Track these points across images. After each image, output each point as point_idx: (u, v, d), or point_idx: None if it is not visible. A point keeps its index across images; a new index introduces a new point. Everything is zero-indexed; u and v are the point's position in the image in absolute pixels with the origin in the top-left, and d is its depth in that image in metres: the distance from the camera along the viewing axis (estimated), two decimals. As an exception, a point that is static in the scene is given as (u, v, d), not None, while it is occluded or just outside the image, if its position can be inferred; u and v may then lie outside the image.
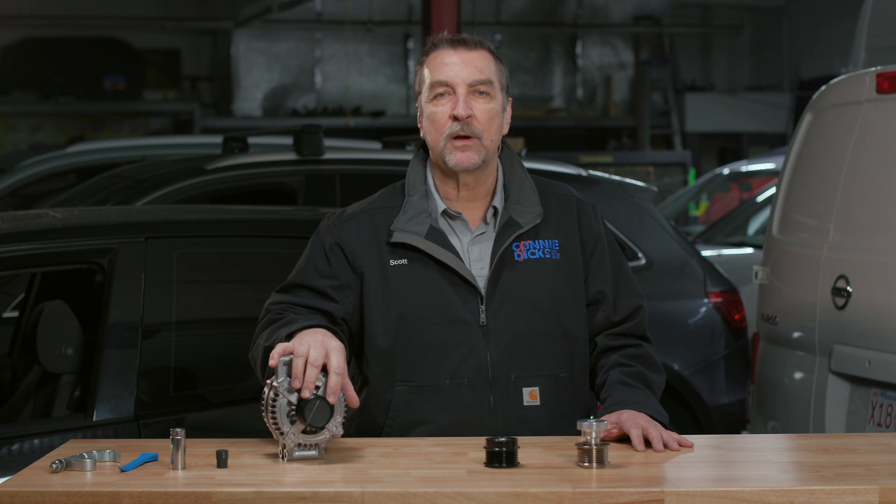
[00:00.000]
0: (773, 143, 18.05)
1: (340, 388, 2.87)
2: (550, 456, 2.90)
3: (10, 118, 18.07)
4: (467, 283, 3.16)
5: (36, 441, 3.70)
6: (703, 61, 20.86)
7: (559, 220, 3.26)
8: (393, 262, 3.19)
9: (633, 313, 3.30)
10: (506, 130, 3.26)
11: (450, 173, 3.20)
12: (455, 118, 3.15)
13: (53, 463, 2.78)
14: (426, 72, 3.21)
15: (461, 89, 3.16)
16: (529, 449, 2.91)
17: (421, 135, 3.26)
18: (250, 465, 2.84)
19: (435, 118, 3.18)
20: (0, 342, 4.97)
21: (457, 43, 3.20)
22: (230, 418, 4.00)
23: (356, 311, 3.21)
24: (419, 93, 3.24)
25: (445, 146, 3.17)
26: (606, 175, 7.05)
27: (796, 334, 5.20)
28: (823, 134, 5.26)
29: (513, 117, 3.32)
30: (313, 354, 2.86)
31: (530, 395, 3.18)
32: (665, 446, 2.97)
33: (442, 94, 3.18)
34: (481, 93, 3.17)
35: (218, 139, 7.96)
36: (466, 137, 3.16)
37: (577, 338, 3.24)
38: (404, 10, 19.04)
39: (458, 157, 3.17)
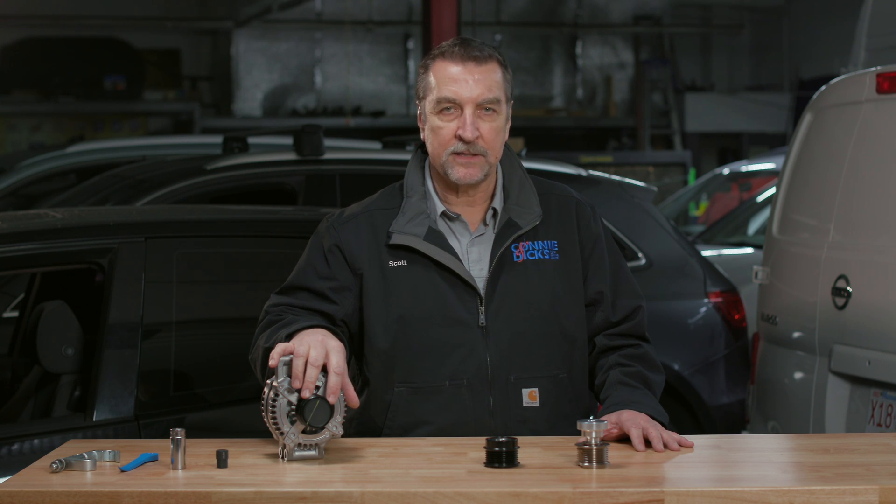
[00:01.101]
0: (773, 143, 18.05)
1: (340, 388, 2.87)
2: (550, 456, 2.90)
3: (10, 118, 18.06)
4: (466, 285, 3.16)
5: (36, 441, 3.70)
6: (703, 61, 20.86)
7: (558, 221, 3.26)
8: (392, 264, 3.18)
9: (631, 313, 3.30)
10: (507, 136, 3.26)
11: (450, 182, 3.20)
12: (461, 139, 3.14)
13: (53, 463, 2.78)
14: (432, 80, 3.19)
15: (469, 109, 3.15)
16: (529, 449, 2.91)
17: (421, 137, 3.25)
18: (250, 465, 2.85)
19: (440, 133, 3.17)
20: (0, 342, 4.97)
21: (466, 56, 3.16)
22: (230, 418, 4.00)
23: (356, 312, 3.21)
24: (423, 98, 3.22)
25: (447, 160, 3.16)
26: (606, 175, 7.05)
27: (796, 334, 5.20)
28: (823, 134, 5.26)
29: (513, 117, 3.31)
30: (313, 354, 2.86)
31: (530, 396, 3.18)
32: (665, 446, 2.97)
33: (448, 110, 3.16)
34: (488, 110, 3.16)
35: (218, 139, 7.96)
36: (471, 154, 3.15)
37: (576, 338, 3.24)
38: (404, 10, 19.03)
39: (462, 172, 3.16)
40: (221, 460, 2.81)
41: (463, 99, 3.14)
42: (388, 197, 3.28)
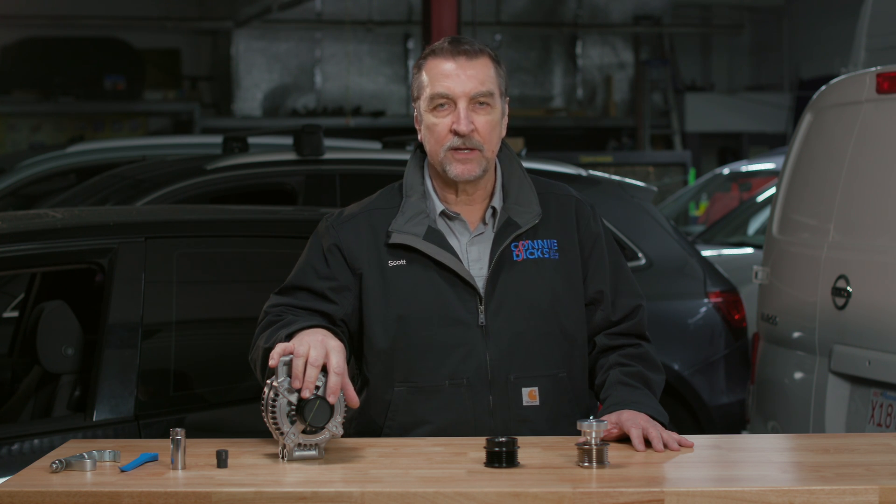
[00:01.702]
0: (773, 143, 18.04)
1: (340, 387, 2.87)
2: (550, 456, 2.90)
3: (10, 118, 18.06)
4: (466, 284, 3.16)
5: (36, 441, 3.70)
6: (703, 61, 20.85)
7: (558, 220, 3.26)
8: (391, 263, 3.18)
9: (631, 313, 3.30)
10: (504, 132, 3.26)
11: (449, 180, 3.20)
12: (456, 133, 3.15)
13: (53, 463, 2.78)
14: (425, 78, 3.19)
15: (462, 103, 3.15)
16: (529, 449, 2.91)
17: (419, 138, 3.26)
18: (250, 465, 2.85)
19: (435, 130, 3.17)
20: (0, 342, 4.97)
21: (457, 52, 3.17)
22: (230, 418, 4.00)
23: (355, 311, 3.21)
24: (417, 98, 3.23)
25: (445, 157, 3.17)
26: (606, 175, 7.05)
27: (796, 334, 5.20)
28: (823, 134, 5.26)
29: (513, 117, 3.31)
30: (313, 354, 2.86)
31: (529, 396, 3.18)
32: (665, 446, 2.97)
33: (442, 106, 3.17)
34: (482, 104, 3.16)
35: (218, 139, 7.96)
36: (467, 149, 3.15)
37: (576, 338, 3.24)
38: (404, 10, 19.03)
39: (459, 168, 3.16)
40: (221, 460, 2.81)
41: (456, 93, 3.15)
42: (387, 197, 3.28)
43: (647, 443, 2.98)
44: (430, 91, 3.17)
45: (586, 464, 2.80)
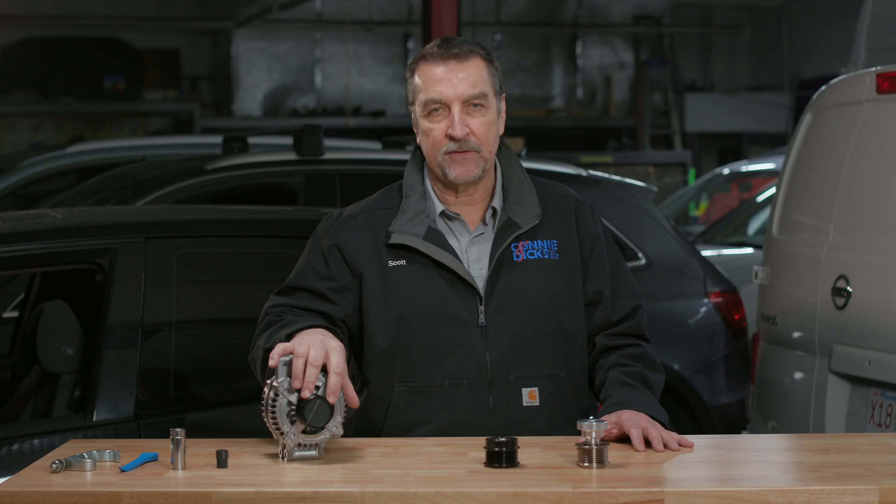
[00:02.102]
0: (773, 143, 18.05)
1: (340, 387, 2.87)
2: (550, 456, 2.90)
3: (10, 118, 18.06)
4: (466, 284, 3.16)
5: (36, 441, 3.70)
6: (703, 61, 20.85)
7: (557, 221, 3.26)
8: (391, 264, 3.18)
9: (631, 313, 3.30)
10: (502, 130, 3.25)
11: (449, 182, 3.20)
12: (452, 137, 3.15)
13: (53, 463, 2.78)
14: (418, 83, 3.20)
15: (456, 107, 3.15)
16: (529, 449, 2.90)
17: (417, 140, 3.26)
18: (250, 465, 2.85)
19: (431, 134, 3.18)
20: (0, 342, 4.97)
21: (447, 56, 3.17)
22: (230, 418, 4.00)
23: (355, 312, 3.21)
24: (412, 102, 3.23)
25: (443, 160, 3.17)
26: (606, 175, 7.05)
27: (796, 334, 5.20)
28: (823, 134, 5.26)
29: (513, 117, 3.31)
30: (313, 354, 2.86)
31: (529, 396, 3.18)
32: (665, 446, 2.97)
33: (436, 111, 3.17)
34: (476, 106, 3.16)
35: (218, 139, 7.96)
36: (464, 151, 3.15)
37: (575, 338, 3.24)
38: (404, 10, 19.04)
39: (458, 171, 3.16)
40: (221, 460, 2.81)
41: (448, 98, 3.15)
42: (387, 197, 3.28)
43: (647, 443, 2.98)
44: (423, 97, 3.18)
45: (586, 464, 2.80)
